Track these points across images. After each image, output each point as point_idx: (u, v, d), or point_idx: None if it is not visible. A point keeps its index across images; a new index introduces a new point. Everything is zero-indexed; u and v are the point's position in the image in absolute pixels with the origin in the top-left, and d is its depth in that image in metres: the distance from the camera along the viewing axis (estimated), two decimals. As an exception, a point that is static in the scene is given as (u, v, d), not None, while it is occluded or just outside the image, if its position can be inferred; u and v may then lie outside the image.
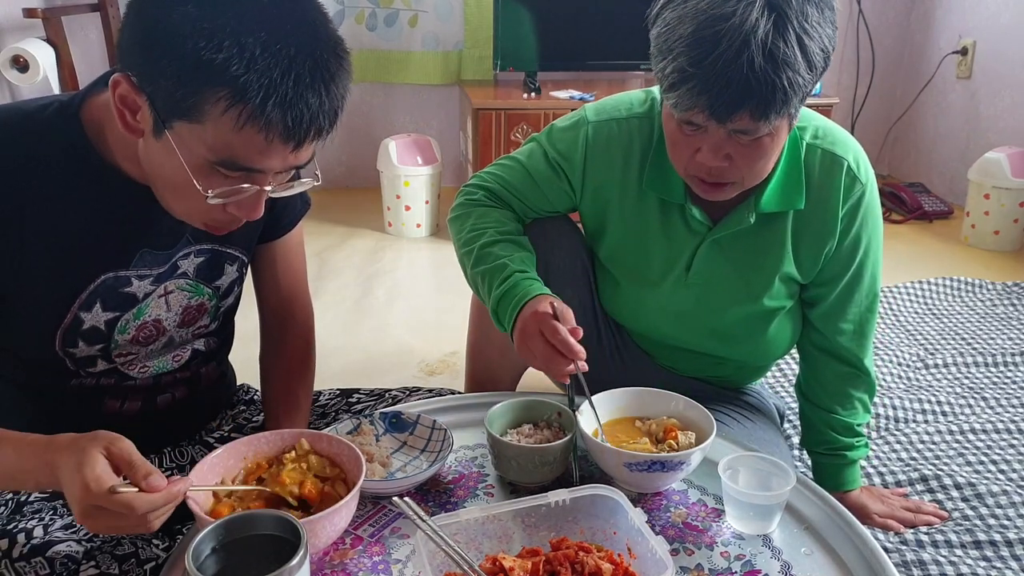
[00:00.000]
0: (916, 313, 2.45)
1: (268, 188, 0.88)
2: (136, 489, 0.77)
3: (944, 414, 1.85)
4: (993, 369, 2.08)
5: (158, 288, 1.04)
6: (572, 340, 1.03)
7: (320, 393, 1.33)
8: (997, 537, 1.37)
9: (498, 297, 1.15)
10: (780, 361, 1.96)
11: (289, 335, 1.25)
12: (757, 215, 1.18)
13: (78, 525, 1.01)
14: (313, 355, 1.27)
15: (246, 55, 0.77)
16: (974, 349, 2.18)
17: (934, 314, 2.44)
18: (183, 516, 1.09)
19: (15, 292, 0.94)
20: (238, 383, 1.34)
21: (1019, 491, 1.51)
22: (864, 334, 1.29)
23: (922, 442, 1.71)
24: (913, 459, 1.65)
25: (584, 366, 1.03)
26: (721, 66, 0.94)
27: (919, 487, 1.55)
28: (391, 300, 2.59)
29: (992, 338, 2.25)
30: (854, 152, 1.19)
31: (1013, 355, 2.12)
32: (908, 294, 2.53)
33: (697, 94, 0.97)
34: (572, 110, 3.19)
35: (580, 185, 1.26)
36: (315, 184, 0.95)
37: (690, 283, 1.25)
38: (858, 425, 1.34)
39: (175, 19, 0.77)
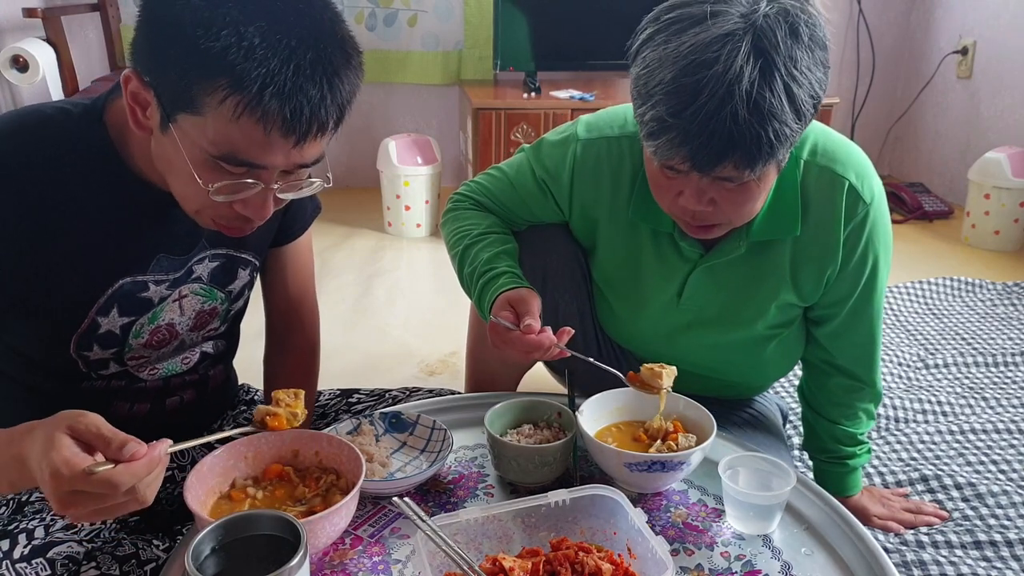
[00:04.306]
0: (916, 313, 2.45)
1: (275, 187, 0.87)
2: (113, 464, 0.71)
3: (944, 414, 1.85)
4: (993, 369, 2.08)
5: (173, 293, 1.04)
6: (529, 339, 1.03)
7: (320, 393, 1.33)
8: (997, 537, 1.37)
9: (476, 300, 1.18)
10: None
11: (295, 337, 1.25)
12: (748, 244, 1.14)
13: (79, 525, 1.01)
14: (318, 357, 1.28)
15: (244, 44, 0.77)
16: (974, 349, 2.18)
17: (934, 314, 2.44)
18: (183, 516, 1.09)
19: (34, 295, 0.93)
20: (239, 383, 1.34)
21: (1019, 491, 1.51)
22: (874, 349, 1.26)
23: (922, 442, 1.71)
24: (913, 459, 1.65)
25: (557, 350, 1.04)
26: (703, 118, 0.89)
27: (919, 487, 1.55)
28: (391, 300, 2.59)
29: (992, 338, 2.25)
30: (856, 169, 1.12)
31: (1013, 355, 2.12)
32: (908, 294, 2.53)
33: (677, 145, 0.92)
34: (572, 110, 3.17)
35: (567, 204, 1.24)
36: (326, 186, 0.93)
37: (682, 308, 1.22)
38: (861, 434, 1.32)
39: (178, 10, 0.78)
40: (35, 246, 0.91)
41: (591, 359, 1.07)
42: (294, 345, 1.25)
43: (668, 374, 1.04)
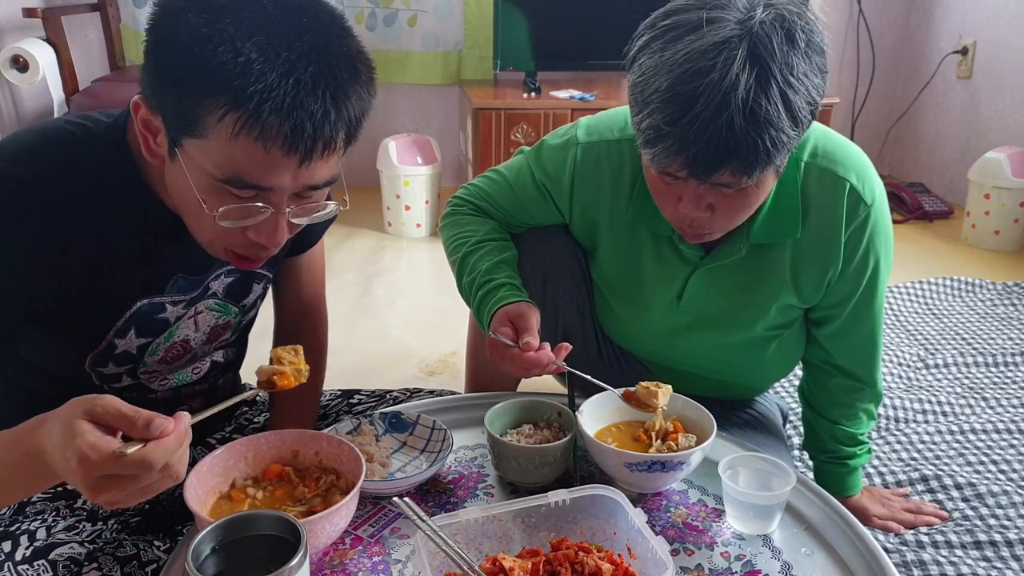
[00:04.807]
0: (916, 313, 2.45)
1: (286, 211, 0.83)
2: (143, 443, 0.68)
3: (944, 414, 1.85)
4: (993, 369, 2.08)
5: (189, 311, 1.03)
6: (528, 357, 1.04)
7: (322, 394, 1.33)
8: (997, 537, 1.37)
9: (475, 310, 1.18)
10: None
11: (305, 338, 1.25)
12: (749, 246, 1.14)
13: (81, 527, 1.01)
14: (325, 360, 1.29)
15: (240, 59, 0.74)
16: (974, 349, 2.18)
17: (934, 314, 2.44)
18: (183, 516, 1.09)
19: (52, 313, 0.91)
20: (242, 384, 1.34)
21: (1019, 491, 1.51)
22: (874, 350, 1.26)
23: (922, 442, 1.71)
24: (913, 459, 1.65)
25: (555, 366, 1.04)
26: (699, 126, 0.89)
27: (919, 487, 1.55)
28: (391, 300, 2.59)
29: (992, 338, 2.25)
30: (857, 170, 1.12)
31: (1013, 355, 2.12)
32: (908, 294, 2.53)
33: (674, 153, 0.92)
34: (572, 110, 3.16)
35: (568, 207, 1.24)
36: (342, 209, 0.89)
37: (682, 310, 1.22)
38: (861, 434, 1.32)
39: (174, 29, 0.77)
40: (54, 265, 0.88)
41: (588, 376, 1.07)
42: (304, 345, 1.25)
43: (664, 393, 1.05)
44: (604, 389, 1.08)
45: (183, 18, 0.76)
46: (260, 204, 0.82)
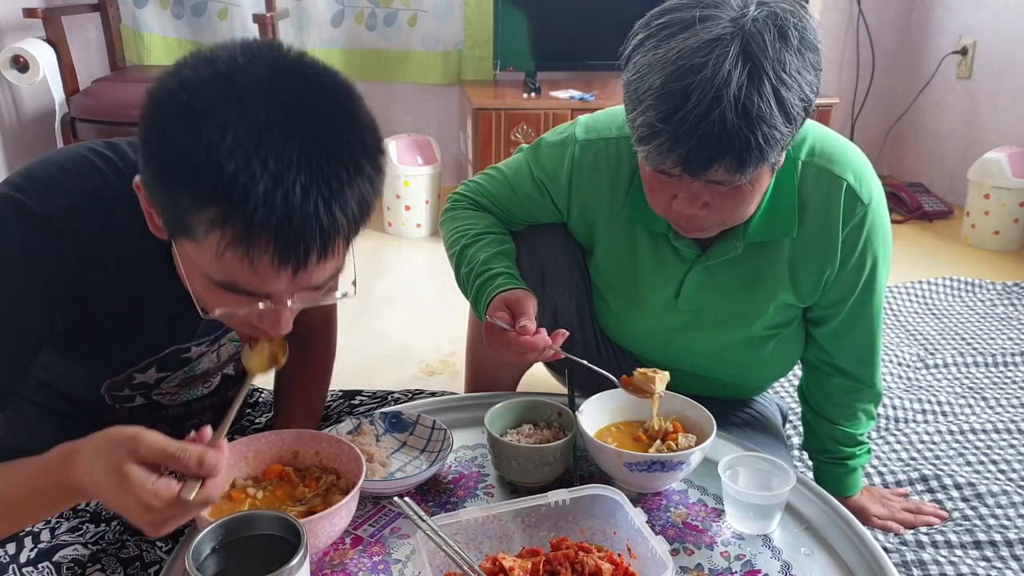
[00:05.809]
0: (916, 313, 2.45)
1: (289, 304, 0.79)
2: (199, 481, 0.71)
3: (944, 414, 1.85)
4: (993, 369, 2.08)
5: (213, 347, 1.03)
6: (524, 340, 1.04)
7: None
8: (997, 537, 1.37)
9: (472, 300, 1.18)
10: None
11: (317, 342, 1.25)
12: (745, 245, 1.14)
13: (84, 528, 1.01)
14: (332, 367, 1.28)
15: (229, 168, 0.67)
16: (974, 349, 2.18)
17: (934, 314, 2.44)
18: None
19: (78, 347, 0.90)
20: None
21: (1019, 491, 1.51)
22: (873, 350, 1.26)
23: (922, 442, 1.71)
24: (913, 459, 1.65)
25: (552, 351, 1.05)
26: (691, 123, 0.89)
27: (919, 487, 1.55)
28: (391, 300, 2.59)
29: (992, 338, 2.25)
30: (854, 169, 1.12)
31: (1013, 355, 2.12)
32: (908, 294, 2.53)
33: (667, 150, 0.93)
34: (572, 110, 3.16)
35: (566, 205, 1.24)
36: (349, 297, 0.85)
37: (679, 309, 1.22)
38: (860, 434, 1.32)
39: (163, 132, 0.71)
40: (81, 304, 0.86)
41: (585, 361, 1.07)
42: (314, 348, 1.25)
43: (661, 379, 1.05)
44: (600, 375, 1.07)
45: (173, 122, 0.70)
46: (261, 305, 0.78)
